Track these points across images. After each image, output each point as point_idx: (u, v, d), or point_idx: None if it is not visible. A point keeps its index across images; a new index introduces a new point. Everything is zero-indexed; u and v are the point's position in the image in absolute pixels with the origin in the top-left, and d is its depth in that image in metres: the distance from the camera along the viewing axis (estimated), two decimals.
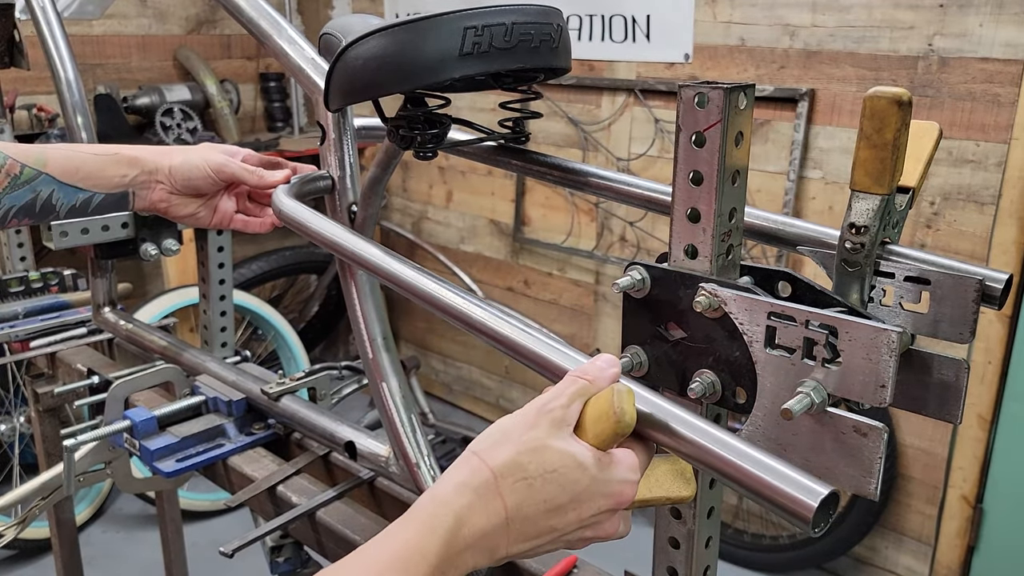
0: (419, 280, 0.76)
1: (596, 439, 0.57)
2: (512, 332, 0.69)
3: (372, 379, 1.01)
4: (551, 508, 0.55)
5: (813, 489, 0.52)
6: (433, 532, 0.53)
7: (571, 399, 0.58)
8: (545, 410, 0.58)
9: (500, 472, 0.55)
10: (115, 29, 3.17)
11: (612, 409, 0.56)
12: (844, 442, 0.62)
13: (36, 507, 1.37)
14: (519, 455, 0.55)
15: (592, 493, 0.56)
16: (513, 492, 0.55)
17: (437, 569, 0.53)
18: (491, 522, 0.54)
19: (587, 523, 0.57)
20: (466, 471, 0.56)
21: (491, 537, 0.54)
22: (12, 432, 2.63)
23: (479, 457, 0.56)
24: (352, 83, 0.82)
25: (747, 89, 0.62)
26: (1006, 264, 1.96)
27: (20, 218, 0.96)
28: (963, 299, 0.66)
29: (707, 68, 2.44)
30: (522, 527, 0.55)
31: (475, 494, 0.54)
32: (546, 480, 0.55)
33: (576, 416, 0.58)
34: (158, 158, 1.04)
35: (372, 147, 3.07)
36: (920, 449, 2.25)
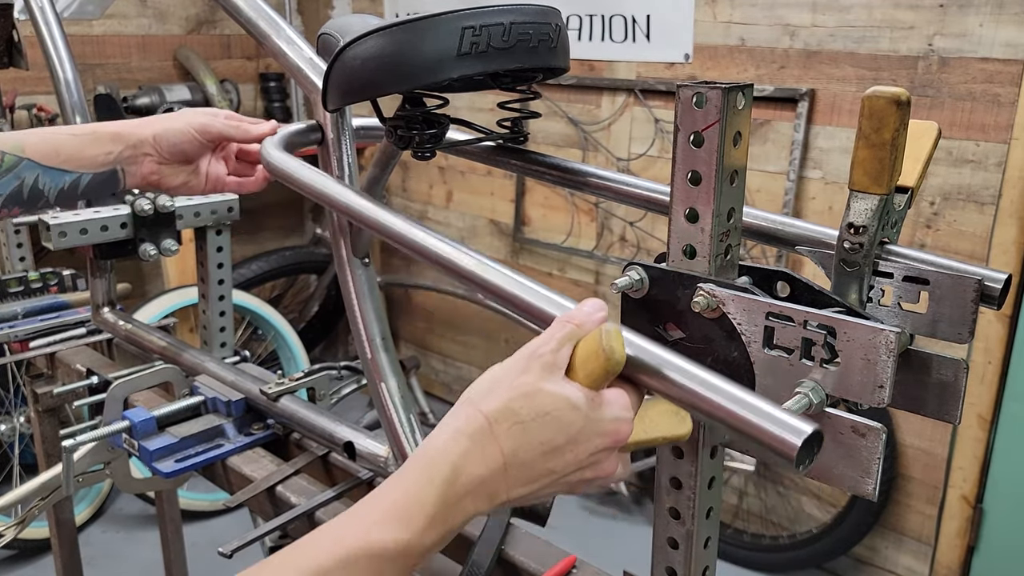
0: (409, 230, 0.76)
1: (587, 379, 0.57)
2: (500, 279, 0.70)
3: (371, 379, 1.01)
4: (548, 450, 0.55)
5: (797, 428, 0.52)
6: (431, 482, 0.53)
7: (560, 343, 0.58)
8: (535, 355, 0.58)
9: (494, 418, 0.55)
10: (115, 29, 3.17)
11: (601, 347, 0.57)
12: (842, 442, 0.62)
13: (36, 507, 1.37)
14: (512, 400, 0.56)
15: (588, 433, 0.56)
16: (509, 437, 0.55)
17: (435, 518, 0.53)
18: (488, 468, 0.54)
19: (585, 464, 0.57)
20: (460, 420, 0.56)
21: (489, 483, 0.55)
22: (12, 432, 2.62)
23: (472, 405, 0.57)
24: (350, 83, 0.82)
25: (745, 89, 0.62)
26: (1006, 264, 1.96)
27: (10, 207, 0.94)
28: (962, 299, 0.66)
29: (707, 68, 2.44)
30: (520, 471, 0.55)
31: (470, 441, 0.55)
32: (541, 423, 0.55)
33: (566, 360, 0.58)
34: (139, 130, 1.02)
35: (371, 147, 3.07)
36: (920, 449, 2.25)
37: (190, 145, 1.05)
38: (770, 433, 0.53)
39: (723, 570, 2.46)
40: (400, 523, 0.52)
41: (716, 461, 0.73)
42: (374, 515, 0.52)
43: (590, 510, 2.84)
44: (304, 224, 3.91)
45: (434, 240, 0.74)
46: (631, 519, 2.79)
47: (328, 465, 1.15)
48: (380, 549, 0.51)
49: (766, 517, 2.62)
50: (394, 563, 0.51)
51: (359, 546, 0.51)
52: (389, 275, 3.57)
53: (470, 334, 3.39)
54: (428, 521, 0.53)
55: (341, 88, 0.84)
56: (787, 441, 0.52)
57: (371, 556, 0.51)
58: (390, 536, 0.51)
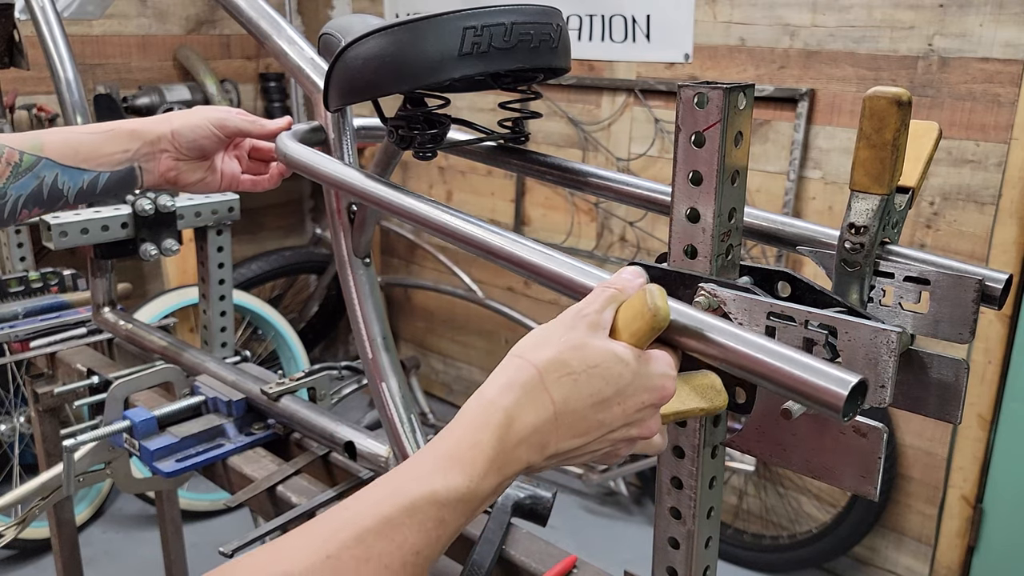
0: (435, 213, 0.77)
1: (632, 338, 0.59)
2: (534, 256, 0.70)
3: (372, 379, 1.01)
4: (597, 401, 0.56)
5: (842, 379, 0.53)
6: (486, 429, 0.54)
7: (604, 304, 0.60)
8: (581, 314, 0.59)
9: (544, 368, 0.56)
10: (115, 29, 3.17)
11: (646, 306, 0.58)
12: (844, 442, 0.62)
13: (36, 507, 1.37)
14: (561, 353, 0.57)
15: (635, 387, 0.57)
16: (559, 386, 0.56)
17: (494, 463, 0.53)
18: (540, 417, 0.55)
19: (632, 419, 0.58)
20: (510, 371, 0.57)
21: (542, 432, 0.55)
22: (12, 432, 2.62)
23: (522, 358, 0.57)
24: (351, 83, 0.82)
25: (746, 89, 0.62)
26: (1006, 264, 1.96)
27: (30, 208, 0.94)
28: (963, 299, 0.66)
29: (707, 68, 2.44)
30: (571, 422, 0.56)
31: (522, 390, 0.55)
32: (590, 375, 0.56)
33: (610, 321, 0.59)
34: (157, 126, 1.02)
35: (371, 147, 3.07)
36: (920, 449, 2.25)
37: (208, 140, 1.05)
38: (816, 385, 0.54)
39: (723, 570, 2.46)
40: (461, 470, 0.52)
41: (717, 461, 0.73)
42: (433, 463, 0.53)
43: (590, 510, 2.84)
44: (304, 224, 3.91)
45: (463, 222, 0.75)
46: (631, 519, 2.79)
47: (329, 465, 1.15)
48: (444, 496, 0.51)
49: (766, 517, 2.62)
50: (456, 509, 0.52)
51: (422, 494, 0.51)
52: (389, 275, 3.57)
53: (470, 334, 3.39)
54: (487, 466, 0.53)
55: (342, 88, 0.84)
56: (833, 392, 0.53)
57: (435, 503, 0.51)
58: (452, 483, 0.52)
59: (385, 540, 0.49)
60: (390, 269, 3.63)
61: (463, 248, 0.75)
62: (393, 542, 0.49)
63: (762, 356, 0.56)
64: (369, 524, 0.49)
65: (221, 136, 1.06)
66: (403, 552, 0.49)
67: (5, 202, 0.91)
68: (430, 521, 0.50)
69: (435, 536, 0.51)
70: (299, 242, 3.79)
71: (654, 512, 0.75)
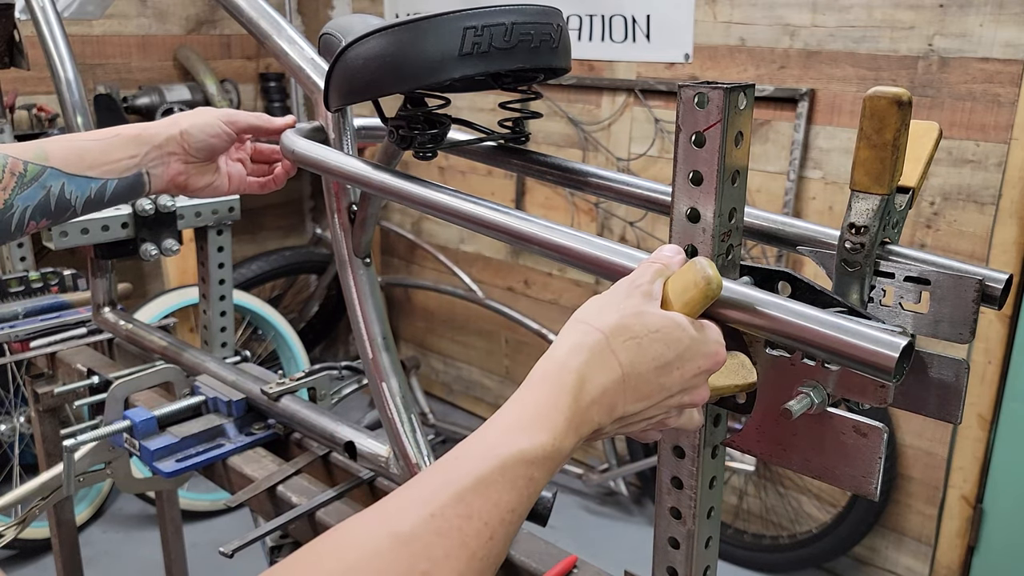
0: (453, 202, 0.78)
1: (685, 307, 0.60)
2: (566, 240, 0.71)
3: (372, 379, 1.01)
4: (660, 365, 0.58)
5: (892, 342, 0.55)
6: (562, 389, 0.56)
7: (653, 277, 0.62)
8: (635, 285, 0.61)
9: (610, 332, 0.58)
10: (115, 29, 3.17)
11: (699, 276, 0.60)
12: (844, 442, 0.63)
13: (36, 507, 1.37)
14: (624, 318, 0.59)
15: (693, 352, 0.59)
16: (625, 349, 0.58)
17: (571, 422, 0.55)
18: (609, 378, 0.57)
19: (688, 385, 0.60)
20: (577, 335, 0.59)
21: (611, 393, 0.57)
22: (12, 432, 2.62)
23: (587, 323, 0.59)
24: (352, 83, 0.82)
25: (747, 89, 0.62)
26: (1006, 264, 1.96)
27: (38, 219, 0.92)
28: (963, 299, 0.66)
29: (707, 68, 2.44)
30: (636, 383, 0.58)
31: (591, 352, 0.57)
32: (652, 339, 0.58)
33: (660, 293, 0.61)
34: (165, 129, 1.01)
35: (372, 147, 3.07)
36: (920, 449, 2.25)
37: (217, 139, 1.04)
38: (868, 350, 0.55)
39: (723, 570, 2.46)
40: (544, 428, 0.54)
41: (717, 461, 0.73)
42: (518, 424, 0.54)
43: (590, 510, 2.84)
44: (304, 224, 3.91)
45: (482, 208, 0.76)
46: (631, 519, 2.79)
47: (329, 465, 1.15)
48: (532, 455, 0.53)
49: (766, 517, 2.62)
50: (543, 467, 0.54)
51: (511, 453, 0.52)
52: (389, 275, 3.57)
53: (470, 334, 3.39)
54: (566, 425, 0.55)
55: (343, 88, 0.84)
56: (885, 355, 0.55)
57: (524, 462, 0.53)
58: (538, 441, 0.53)
59: (483, 499, 0.50)
60: (390, 269, 3.63)
61: (486, 233, 0.75)
62: (490, 500, 0.51)
63: (811, 324, 0.58)
64: (467, 484, 0.51)
65: (231, 134, 1.06)
66: (500, 509, 0.51)
67: (12, 214, 0.89)
68: (521, 479, 0.52)
69: (526, 494, 0.53)
70: (299, 242, 3.79)
71: (654, 512, 0.75)
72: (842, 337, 0.56)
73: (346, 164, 0.87)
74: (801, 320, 0.58)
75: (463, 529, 0.49)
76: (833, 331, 0.57)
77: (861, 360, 0.56)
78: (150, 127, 1.00)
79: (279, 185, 1.14)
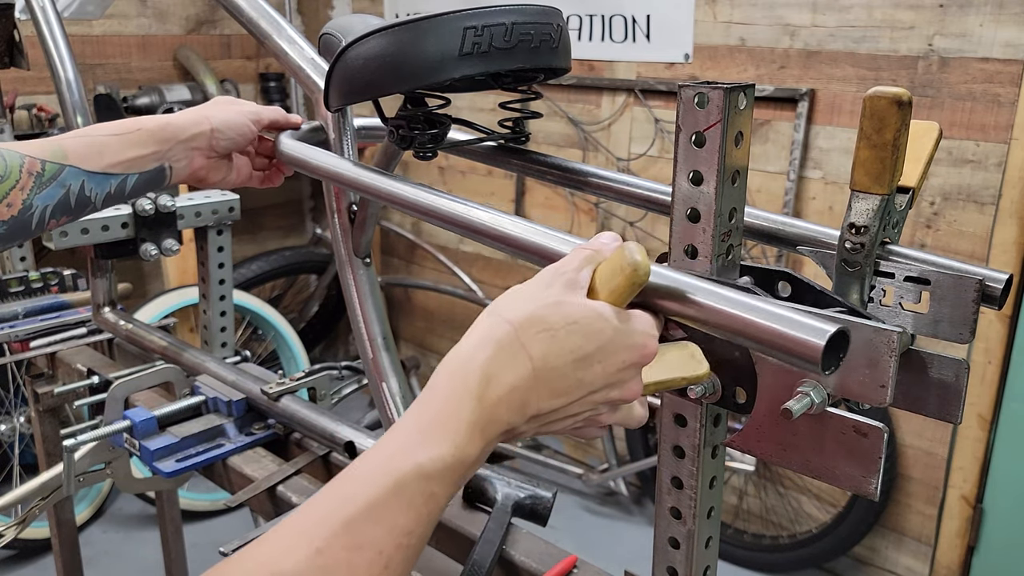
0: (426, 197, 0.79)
1: (611, 296, 0.57)
2: (514, 228, 0.71)
3: (372, 379, 1.01)
4: (577, 358, 0.55)
5: (819, 328, 0.52)
6: (465, 391, 0.52)
7: (581, 264, 0.59)
8: (558, 272, 0.58)
9: (521, 325, 0.54)
10: (115, 29, 3.17)
11: (625, 262, 0.57)
12: (844, 442, 0.62)
13: (36, 507, 1.37)
14: (538, 309, 0.55)
15: (616, 345, 0.56)
16: (537, 343, 0.54)
17: (476, 425, 0.52)
18: (518, 374, 0.53)
19: (614, 380, 0.56)
20: (484, 327, 0.55)
21: (521, 390, 0.53)
22: (12, 432, 2.63)
23: (496, 315, 0.56)
24: (352, 83, 0.82)
25: (747, 89, 0.62)
26: (1006, 264, 1.96)
27: (58, 217, 0.90)
28: (963, 299, 0.66)
29: (707, 68, 2.44)
30: (551, 379, 0.54)
31: (498, 346, 0.54)
32: (569, 331, 0.55)
33: (587, 280, 0.58)
34: (194, 125, 0.98)
35: (372, 147, 3.07)
36: (920, 449, 2.25)
37: (244, 138, 1.04)
38: (792, 337, 0.53)
39: (723, 570, 2.46)
40: (444, 438, 0.51)
41: (717, 461, 0.73)
42: (416, 436, 0.51)
43: (590, 510, 2.84)
44: (304, 224, 3.91)
45: (447, 201, 0.77)
46: (631, 519, 2.79)
47: (329, 465, 1.15)
48: (430, 468, 0.50)
49: (766, 517, 2.62)
50: (444, 480, 0.51)
51: (408, 470, 0.49)
52: (389, 275, 3.57)
53: None
54: (468, 431, 0.52)
55: (343, 88, 0.84)
56: (810, 343, 0.52)
57: (422, 477, 0.49)
58: (437, 453, 0.50)
59: (375, 525, 0.47)
60: (390, 269, 3.63)
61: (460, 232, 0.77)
62: (383, 526, 0.47)
63: (738, 312, 0.56)
64: (356, 510, 0.47)
65: (255, 131, 1.05)
66: (395, 535, 0.48)
67: (32, 213, 0.87)
68: (419, 497, 0.49)
69: (425, 512, 0.50)
70: (299, 242, 3.79)
71: (654, 512, 0.75)
72: (768, 324, 0.54)
73: (336, 167, 0.87)
74: (730, 307, 0.56)
75: (352, 563, 0.46)
76: (760, 318, 0.55)
77: (787, 349, 0.53)
78: (176, 120, 0.98)
79: (279, 181, 1.13)
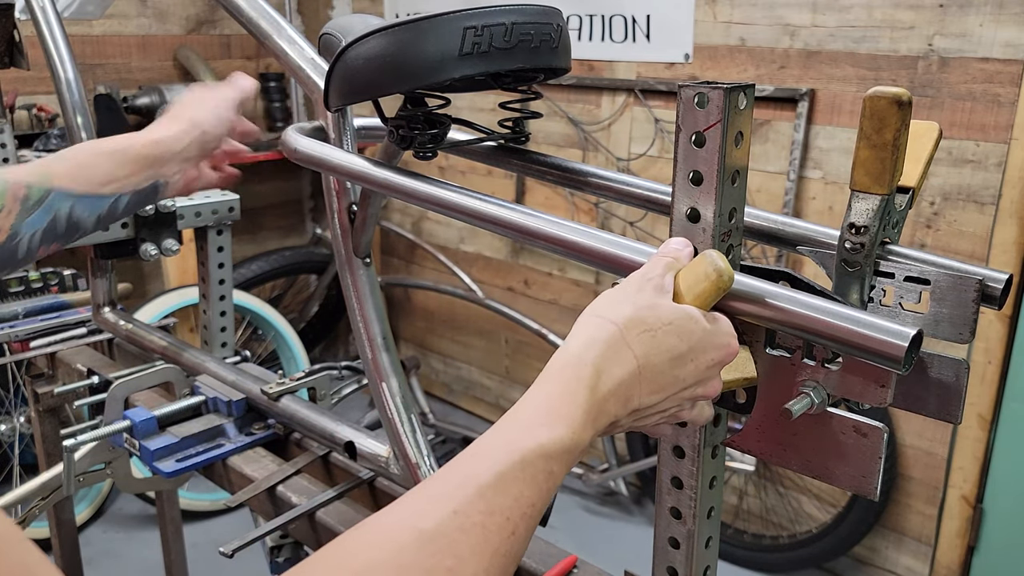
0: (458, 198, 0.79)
1: (697, 300, 0.61)
2: (572, 235, 0.72)
3: (372, 379, 1.01)
4: (674, 356, 0.59)
5: (901, 332, 0.55)
6: (579, 382, 0.56)
7: (664, 270, 0.62)
8: (646, 278, 0.62)
9: (624, 325, 0.58)
10: (115, 29, 3.17)
11: (709, 269, 0.60)
12: (844, 442, 0.62)
13: (36, 507, 1.37)
14: (637, 311, 0.59)
15: (705, 344, 0.60)
16: (639, 342, 0.58)
17: (588, 415, 0.55)
18: (625, 370, 0.57)
19: (701, 377, 0.60)
20: (591, 328, 0.59)
21: (627, 385, 0.57)
22: (12, 432, 2.62)
23: (601, 316, 0.59)
24: (352, 83, 0.82)
25: (747, 89, 0.62)
26: (1006, 264, 1.96)
27: (47, 244, 0.85)
28: (963, 299, 0.66)
29: (707, 68, 2.44)
30: (652, 376, 0.58)
31: (606, 345, 0.57)
32: (666, 331, 0.59)
33: (672, 286, 0.62)
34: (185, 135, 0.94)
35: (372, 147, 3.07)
36: (920, 449, 2.25)
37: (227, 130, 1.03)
38: (876, 339, 0.56)
39: (723, 570, 2.46)
40: (562, 422, 0.54)
41: (717, 461, 0.73)
42: (536, 418, 0.54)
43: (590, 510, 2.84)
44: (304, 224, 3.91)
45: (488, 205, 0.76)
46: (631, 519, 2.79)
47: (329, 465, 1.15)
48: (550, 448, 0.53)
49: (766, 517, 2.62)
50: (562, 460, 0.54)
51: (531, 448, 0.53)
52: (389, 275, 3.57)
53: (470, 334, 3.39)
54: (584, 417, 0.55)
55: (343, 88, 0.84)
56: (894, 344, 0.55)
57: (544, 456, 0.53)
58: (556, 435, 0.54)
59: (503, 495, 0.51)
60: (390, 269, 3.63)
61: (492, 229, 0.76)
62: (510, 495, 0.51)
63: (820, 315, 0.58)
64: (487, 480, 0.51)
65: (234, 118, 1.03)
66: (521, 505, 0.51)
67: (19, 241, 0.82)
68: (541, 474, 0.53)
69: (546, 488, 0.53)
70: (299, 242, 3.79)
71: (654, 512, 0.75)
72: (852, 327, 0.57)
73: (349, 162, 0.87)
74: (810, 311, 0.59)
75: (486, 525, 0.49)
76: (843, 322, 0.57)
77: (870, 350, 0.56)
78: (166, 135, 0.93)
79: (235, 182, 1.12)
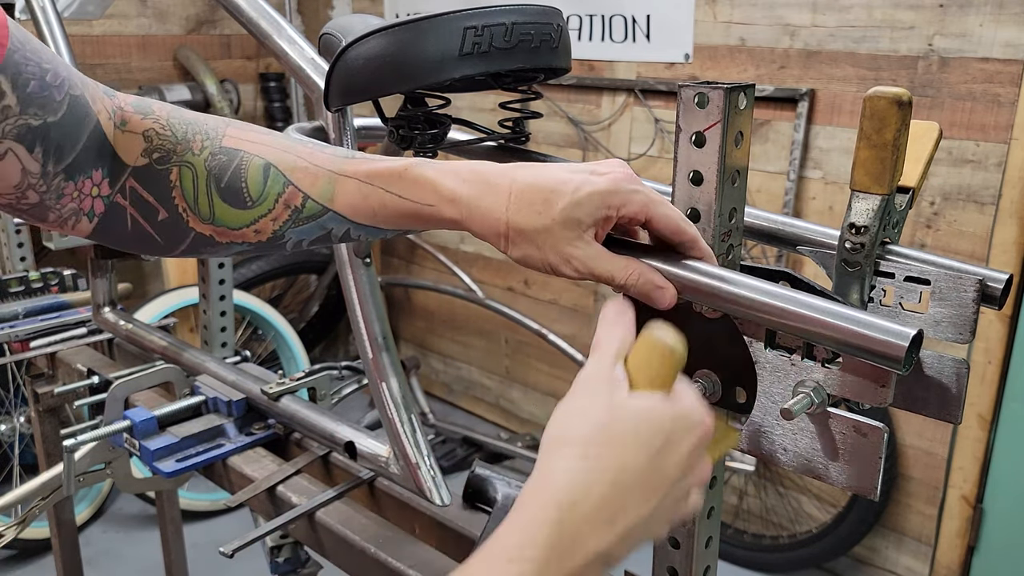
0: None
1: (654, 383, 0.56)
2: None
3: (372, 379, 1.01)
4: (651, 455, 0.53)
5: (901, 331, 0.55)
6: (542, 522, 0.51)
7: (613, 362, 0.57)
8: (594, 379, 0.57)
9: (585, 443, 0.53)
10: (115, 29, 3.17)
11: (661, 348, 0.56)
12: (844, 442, 0.62)
13: (36, 507, 1.37)
14: (596, 423, 0.54)
15: (678, 430, 0.55)
16: (609, 455, 0.53)
17: (553, 550, 0.50)
18: (600, 491, 0.52)
19: (687, 467, 0.55)
20: (550, 460, 0.54)
21: (607, 506, 0.52)
22: (12, 432, 2.62)
23: (556, 442, 0.54)
24: (352, 83, 0.82)
25: (747, 89, 0.62)
26: (1006, 264, 1.96)
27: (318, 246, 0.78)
28: (963, 299, 0.66)
29: (707, 68, 2.44)
30: (635, 483, 0.53)
31: (568, 473, 0.52)
32: (635, 432, 0.53)
33: (624, 376, 0.57)
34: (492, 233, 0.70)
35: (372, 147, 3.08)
36: (920, 449, 2.25)
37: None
38: (876, 339, 0.55)
39: (723, 570, 2.46)
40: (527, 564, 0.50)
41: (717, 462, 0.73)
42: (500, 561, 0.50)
43: None
44: None
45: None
46: None
47: (329, 465, 1.15)
48: None
49: (766, 517, 2.62)
50: None
51: None
52: (389, 275, 3.57)
53: (470, 334, 3.39)
54: (548, 555, 0.50)
55: (343, 88, 0.84)
56: (894, 344, 0.55)
57: None
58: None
59: None
60: (390, 269, 3.63)
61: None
62: None
63: (819, 315, 0.57)
64: None
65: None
66: None
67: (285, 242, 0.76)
68: None
69: None
70: None
71: None
72: (852, 327, 0.56)
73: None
74: (810, 311, 0.58)
75: None
76: (843, 322, 0.57)
77: (870, 350, 0.55)
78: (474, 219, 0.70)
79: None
